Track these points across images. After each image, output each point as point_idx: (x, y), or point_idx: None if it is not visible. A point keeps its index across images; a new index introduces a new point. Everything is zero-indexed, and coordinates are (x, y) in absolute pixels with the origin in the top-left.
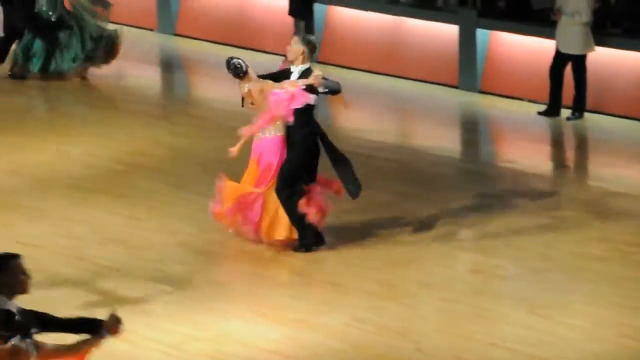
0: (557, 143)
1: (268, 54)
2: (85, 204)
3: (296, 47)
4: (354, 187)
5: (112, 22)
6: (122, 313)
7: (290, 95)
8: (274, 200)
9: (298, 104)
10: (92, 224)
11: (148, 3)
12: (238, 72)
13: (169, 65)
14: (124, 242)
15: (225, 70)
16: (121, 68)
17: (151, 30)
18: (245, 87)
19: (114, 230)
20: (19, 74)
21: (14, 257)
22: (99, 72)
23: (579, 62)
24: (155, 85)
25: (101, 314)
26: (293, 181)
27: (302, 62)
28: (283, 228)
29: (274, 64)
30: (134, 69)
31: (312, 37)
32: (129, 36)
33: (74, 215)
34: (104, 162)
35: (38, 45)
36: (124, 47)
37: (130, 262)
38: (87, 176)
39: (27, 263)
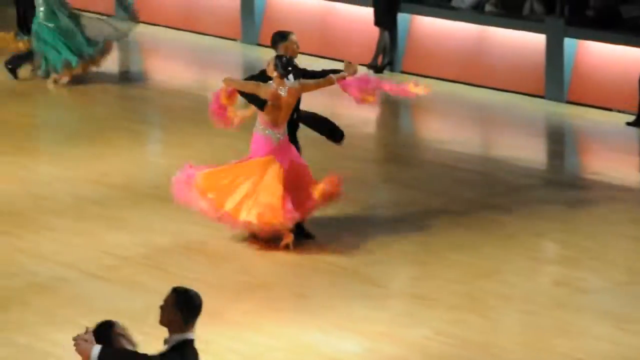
0: None
1: None
2: (167, 214)
3: None
4: (335, 133)
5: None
6: (202, 324)
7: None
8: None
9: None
10: (174, 234)
11: (232, 13)
12: (290, 72)
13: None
14: (204, 252)
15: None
16: (206, 78)
17: (235, 40)
18: (285, 88)
19: (195, 240)
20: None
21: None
22: (182, 82)
23: None
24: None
25: None
26: None
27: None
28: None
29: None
30: (218, 79)
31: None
32: (212, 46)
33: (155, 225)
34: None
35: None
36: (209, 57)
37: (211, 272)
38: (168, 186)
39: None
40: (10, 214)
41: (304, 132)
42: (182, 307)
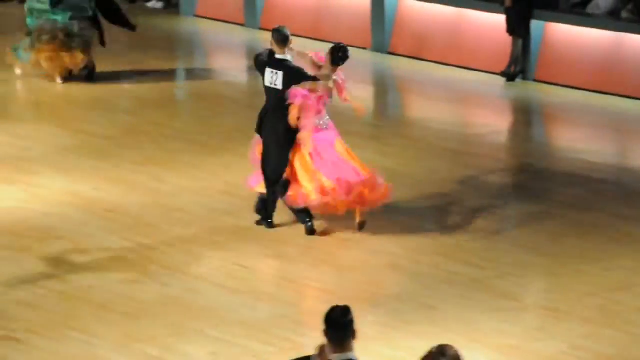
0: None
1: (483, 72)
2: (296, 225)
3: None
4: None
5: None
6: None
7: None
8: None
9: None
10: (303, 245)
11: (362, 21)
12: (345, 60)
13: (382, 85)
14: (334, 263)
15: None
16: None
17: (364, 48)
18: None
19: (324, 251)
20: None
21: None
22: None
23: None
24: (367, 105)
25: (310, 336)
26: None
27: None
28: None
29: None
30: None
31: (282, 28)
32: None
33: (285, 236)
34: None
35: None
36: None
37: (339, 284)
38: None
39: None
40: (141, 225)
41: (431, 142)
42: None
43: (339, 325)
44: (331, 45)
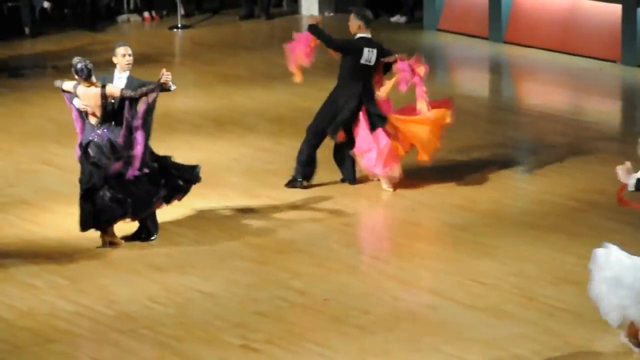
0: None
1: None
2: (537, 242)
3: (353, 21)
4: None
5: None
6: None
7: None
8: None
9: None
10: (545, 263)
11: (611, 33)
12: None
13: (632, 100)
14: (577, 282)
15: None
16: (582, 103)
17: (614, 62)
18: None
19: (567, 270)
20: None
21: None
22: (556, 107)
23: None
24: (614, 120)
25: (547, 355)
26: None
27: (363, 33)
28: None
29: None
30: (595, 103)
31: (367, 10)
32: (589, 68)
33: (525, 253)
34: (559, 199)
35: None
36: (585, 80)
37: (582, 304)
38: (540, 213)
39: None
40: (377, 239)
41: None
42: None
43: None
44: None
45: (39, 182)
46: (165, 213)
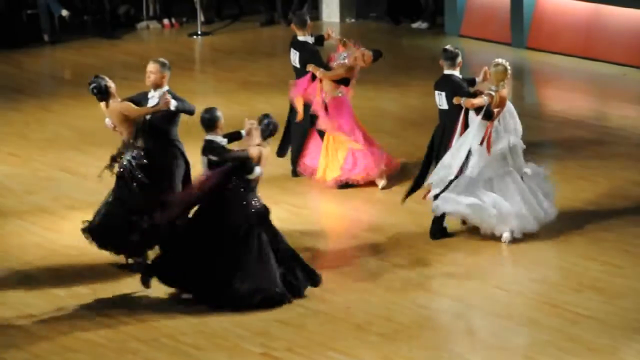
0: None
1: None
2: (561, 248)
3: None
4: None
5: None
6: None
7: None
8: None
9: None
10: (567, 269)
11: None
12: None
13: None
14: (600, 289)
15: None
16: (605, 109)
17: (638, 67)
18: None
19: (590, 276)
20: None
21: None
22: (579, 112)
23: None
24: (638, 126)
25: None
26: None
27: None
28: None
29: None
30: (618, 109)
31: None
32: (612, 74)
33: (548, 259)
34: (582, 205)
35: None
36: (608, 86)
37: (604, 309)
38: (563, 219)
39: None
40: (399, 246)
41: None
42: None
43: None
44: None
45: (58, 190)
46: None
